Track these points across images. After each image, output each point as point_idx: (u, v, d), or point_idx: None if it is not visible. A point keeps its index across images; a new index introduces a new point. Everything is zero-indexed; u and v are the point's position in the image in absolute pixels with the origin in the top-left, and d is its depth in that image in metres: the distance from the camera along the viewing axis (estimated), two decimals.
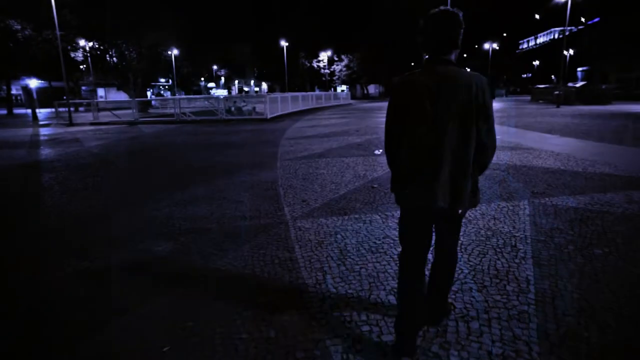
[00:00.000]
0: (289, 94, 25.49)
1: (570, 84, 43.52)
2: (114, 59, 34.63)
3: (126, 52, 33.86)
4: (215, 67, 76.01)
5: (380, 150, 8.34)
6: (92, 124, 19.87)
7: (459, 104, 1.73)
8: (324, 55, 55.89)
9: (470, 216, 4.10)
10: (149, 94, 57.32)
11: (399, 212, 2.10)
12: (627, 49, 45.72)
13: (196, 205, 4.82)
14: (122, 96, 36.05)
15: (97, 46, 33.43)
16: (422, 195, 1.82)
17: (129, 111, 30.71)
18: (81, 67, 39.04)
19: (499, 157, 7.31)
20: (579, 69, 57.81)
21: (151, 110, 30.29)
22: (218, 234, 3.83)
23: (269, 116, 18.93)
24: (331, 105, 32.43)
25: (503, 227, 3.78)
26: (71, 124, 19.11)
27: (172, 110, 21.92)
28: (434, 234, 2.09)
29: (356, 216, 4.21)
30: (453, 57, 1.85)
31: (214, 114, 19.97)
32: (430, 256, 2.16)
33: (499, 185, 5.37)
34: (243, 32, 62.57)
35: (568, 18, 26.07)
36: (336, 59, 58.12)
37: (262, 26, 58.80)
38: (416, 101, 1.79)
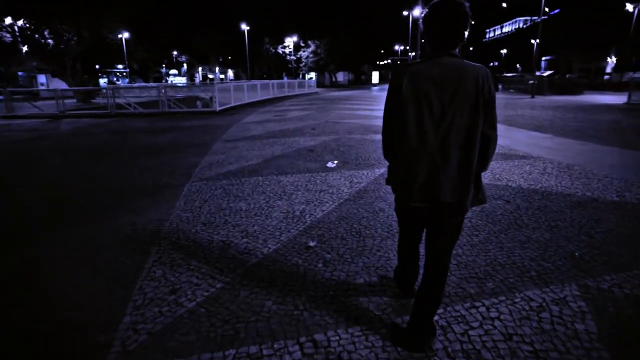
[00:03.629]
0: (244, 83, 22.94)
1: (537, 73, 43.47)
2: (50, 41, 30.56)
3: (64, 34, 29.89)
4: (175, 52, 71.31)
5: (335, 163, 6.21)
6: (4, 117, 16.62)
7: (466, 97, 1.70)
8: (290, 41, 53.02)
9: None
10: (102, 81, 52.79)
11: None
12: (586, 40, 46.09)
13: None
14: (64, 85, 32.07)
15: (27, 25, 29.26)
16: (427, 190, 1.77)
17: (69, 101, 27.32)
18: (22, 50, 34.55)
19: (494, 172, 5.36)
20: (544, 58, 58.10)
21: (98, 100, 26.65)
22: None
23: (218, 109, 16.40)
24: (295, 94, 29.95)
25: None
26: None
27: (122, 101, 18.87)
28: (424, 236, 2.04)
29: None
30: (457, 50, 1.76)
31: (167, 104, 17.20)
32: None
33: (512, 240, 3.36)
34: (204, 14, 58.45)
35: (543, 6, 24.73)
36: (302, 44, 55.28)
37: (224, 9, 54.97)
38: (423, 92, 1.72)
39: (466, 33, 1.74)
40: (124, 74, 65.11)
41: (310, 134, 9.26)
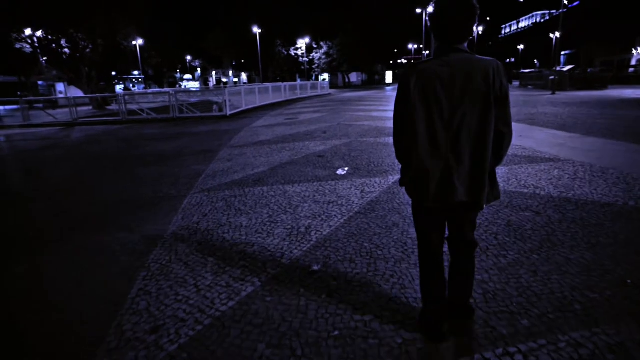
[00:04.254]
0: (256, 86, 22.75)
1: (556, 68, 42.09)
2: (66, 50, 31.09)
3: (80, 43, 30.35)
4: (188, 57, 72.04)
5: (345, 170, 5.82)
6: (21, 126, 16.82)
7: (477, 94, 1.65)
8: (302, 43, 52.82)
9: None
10: (118, 88, 53.74)
11: None
12: (609, 32, 44.38)
13: None
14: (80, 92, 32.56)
15: (45, 36, 29.82)
16: (441, 190, 1.73)
17: (85, 108, 27.67)
18: (42, 60, 35.31)
19: (519, 178, 4.88)
20: (563, 52, 56.22)
21: (113, 107, 26.85)
22: None
23: (228, 113, 16.19)
24: (307, 96, 29.65)
25: None
26: None
27: (134, 107, 18.90)
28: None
29: None
30: (466, 45, 1.72)
31: (180, 109, 17.15)
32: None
33: (547, 262, 2.91)
34: (216, 19, 58.84)
35: None
36: (315, 46, 54.98)
37: (236, 13, 55.15)
38: (431, 92, 1.68)
39: (475, 27, 1.72)
40: (140, 80, 66.10)
41: (321, 138, 8.89)
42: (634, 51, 49.58)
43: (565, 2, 28.07)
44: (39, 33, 29.91)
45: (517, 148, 6.78)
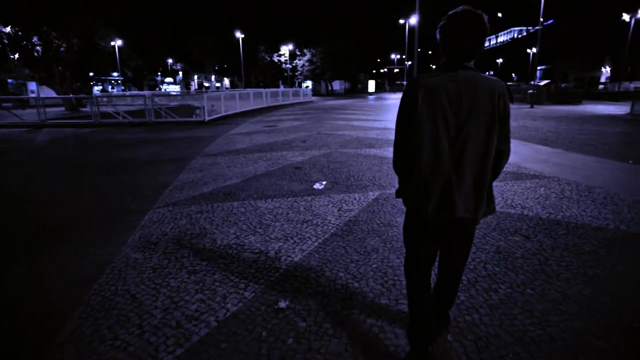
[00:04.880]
0: (236, 91, 22.29)
1: (532, 82, 43.29)
2: (38, 47, 29.83)
3: (55, 41, 29.16)
4: (170, 60, 70.74)
5: (323, 184, 5.47)
6: None
7: (483, 113, 1.66)
8: (285, 49, 52.61)
9: None
10: (96, 89, 52.16)
11: None
12: (581, 50, 46.11)
13: None
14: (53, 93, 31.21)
15: (15, 32, 28.53)
16: (441, 205, 1.72)
17: (57, 109, 26.50)
18: (11, 57, 33.74)
19: (505, 196, 4.64)
20: (539, 67, 58.07)
21: (88, 108, 25.73)
22: None
23: (206, 119, 15.68)
24: (289, 103, 29.31)
25: None
26: None
27: (110, 109, 18.09)
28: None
29: None
30: (472, 63, 1.73)
31: (158, 114, 16.52)
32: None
33: (543, 299, 2.62)
34: (199, 23, 58.08)
35: (542, 15, 24.34)
36: (298, 53, 54.86)
37: (220, 17, 54.55)
38: (438, 108, 1.67)
39: (483, 46, 1.70)
40: (119, 82, 64.39)
41: (300, 148, 8.54)
42: (602, 69, 51.67)
43: (542, 20, 28.84)
44: (7, 28, 28.59)
45: None
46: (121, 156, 8.30)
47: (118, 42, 44.28)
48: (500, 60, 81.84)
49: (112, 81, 63.56)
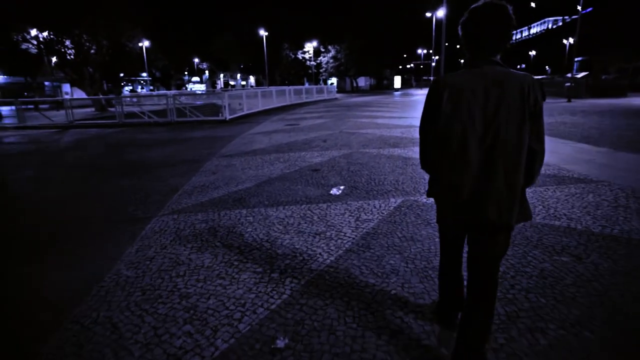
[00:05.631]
0: (258, 89, 22.12)
1: (568, 75, 41.05)
2: (71, 50, 30.80)
3: (85, 44, 30.01)
4: (196, 60, 71.87)
5: (340, 190, 5.04)
6: (16, 127, 16.33)
7: (511, 109, 1.56)
8: (310, 46, 52.25)
9: None
10: (126, 90, 53.70)
11: None
12: (625, 39, 43.31)
13: None
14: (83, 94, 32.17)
15: (51, 37, 29.56)
16: (470, 209, 1.64)
17: (87, 110, 27.27)
18: (47, 60, 35.13)
19: (547, 204, 4.05)
20: (576, 59, 55.05)
21: (115, 109, 26.27)
22: None
23: (227, 117, 15.53)
24: (313, 100, 28.94)
25: None
26: None
27: (136, 109, 18.35)
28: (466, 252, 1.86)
29: None
30: (499, 57, 1.64)
31: (183, 113, 16.57)
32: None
33: (607, 346, 2.10)
34: (223, 22, 58.60)
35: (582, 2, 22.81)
36: (322, 50, 54.35)
37: (244, 16, 54.81)
38: (464, 106, 1.59)
39: (509, 39, 1.61)
40: (147, 82, 66.00)
41: (319, 148, 8.12)
42: None
43: (579, 8, 27.07)
44: (44, 33, 29.67)
45: None
46: (137, 157, 8.16)
47: (145, 43, 45.19)
48: (532, 53, 78.34)
49: (141, 81, 65.23)
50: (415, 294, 2.52)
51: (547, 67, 75.76)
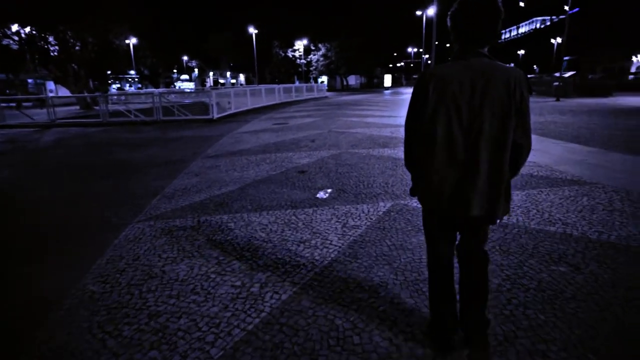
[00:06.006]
0: (247, 88, 21.81)
1: (556, 74, 41.50)
2: (55, 47, 30.02)
3: (70, 40, 29.26)
4: (185, 58, 70.90)
5: (327, 193, 4.83)
6: None
7: (497, 101, 1.55)
8: (300, 44, 51.90)
9: None
10: (114, 87, 52.75)
11: None
12: (610, 39, 43.91)
13: None
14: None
15: (33, 32, 28.75)
16: (455, 202, 1.64)
17: (72, 108, 26.63)
18: (29, 57, 34.17)
19: (541, 208, 3.90)
20: (565, 58, 55.74)
21: (100, 107, 25.59)
22: None
23: (215, 116, 15.22)
24: (303, 99, 28.69)
25: None
26: None
27: (122, 107, 17.91)
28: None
29: None
30: (486, 49, 1.63)
31: (171, 112, 16.24)
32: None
33: None
34: (213, 20, 57.91)
35: (570, 2, 22.93)
36: (313, 48, 54.03)
37: (232, 13, 54.24)
38: (450, 97, 1.58)
39: (498, 31, 1.59)
40: (136, 79, 64.92)
41: (307, 148, 7.91)
42: (634, 58, 49.12)
43: (566, 8, 27.26)
44: (26, 29, 28.84)
45: (531, 166, 5.81)
46: (119, 158, 7.85)
47: (133, 40, 44.42)
48: (521, 52, 79.02)
49: (130, 79, 64.12)
50: (405, 310, 2.33)
51: (535, 66, 76.56)
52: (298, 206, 4.33)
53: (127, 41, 41.34)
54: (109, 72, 43.38)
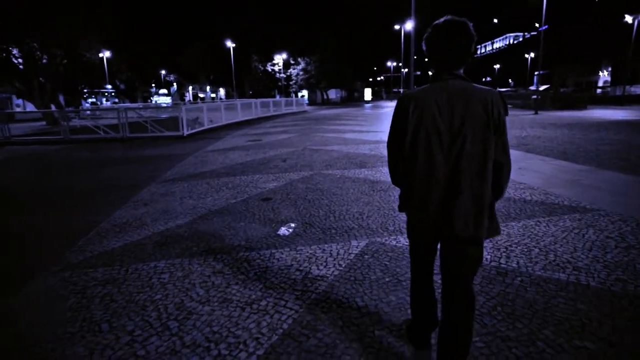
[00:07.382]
0: (221, 103, 21.05)
1: (531, 88, 42.44)
2: (19, 60, 28.60)
3: (36, 53, 27.92)
4: (163, 72, 69.61)
5: (292, 228, 4.07)
6: None
7: (476, 122, 1.56)
8: (279, 58, 51.57)
9: None
10: (87, 102, 51.05)
11: None
12: (581, 54, 45.50)
13: None
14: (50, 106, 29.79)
15: None
16: (438, 223, 1.64)
17: (39, 123, 25.22)
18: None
19: (542, 244, 3.24)
20: (535, 72, 57.45)
21: (75, 122, 24.05)
22: None
23: (185, 133, 14.34)
24: (281, 113, 28.04)
25: None
26: None
27: (89, 123, 16.82)
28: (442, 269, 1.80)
29: None
30: (462, 70, 1.66)
31: (143, 128, 15.32)
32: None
33: None
34: (190, 33, 57.09)
35: (544, 19, 23.23)
36: (292, 62, 53.78)
37: (210, 27, 53.64)
38: (430, 120, 1.60)
39: (471, 54, 1.63)
40: (112, 94, 63.16)
41: (277, 170, 7.16)
42: (600, 73, 51.01)
43: (537, 25, 27.86)
44: None
45: (523, 188, 5.22)
46: (62, 183, 6.92)
47: (106, 54, 43.15)
48: (497, 66, 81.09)
49: (106, 94, 62.28)
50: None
51: (510, 80, 78.61)
52: (254, 247, 3.56)
53: (100, 55, 40.06)
54: (82, 86, 41.84)
